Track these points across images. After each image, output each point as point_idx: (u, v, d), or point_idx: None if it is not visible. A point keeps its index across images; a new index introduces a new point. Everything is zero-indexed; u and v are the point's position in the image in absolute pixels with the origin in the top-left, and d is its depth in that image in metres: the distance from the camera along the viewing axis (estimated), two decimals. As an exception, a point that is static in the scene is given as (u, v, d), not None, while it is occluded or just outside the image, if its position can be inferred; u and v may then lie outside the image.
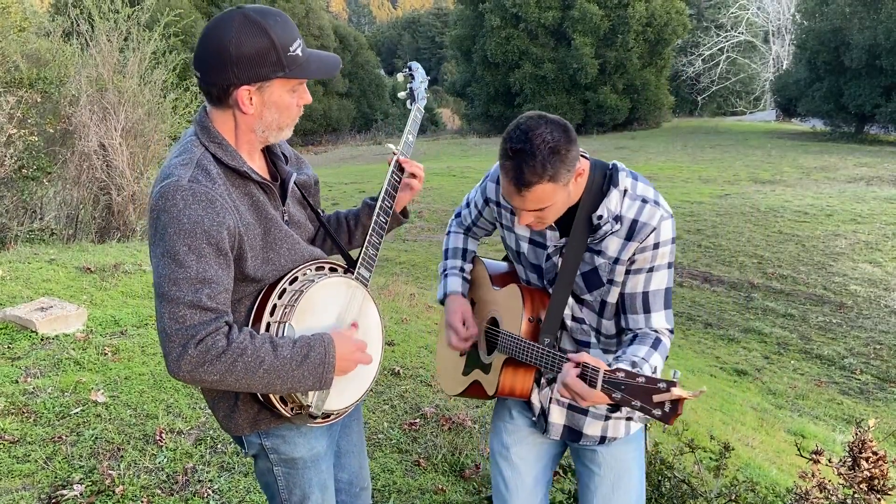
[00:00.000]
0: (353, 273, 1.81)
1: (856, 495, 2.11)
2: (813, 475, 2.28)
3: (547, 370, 1.83)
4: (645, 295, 1.83)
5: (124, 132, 7.92)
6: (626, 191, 1.81)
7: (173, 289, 1.47)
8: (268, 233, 1.64)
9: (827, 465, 2.18)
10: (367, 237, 1.84)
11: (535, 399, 2.02)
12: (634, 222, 1.78)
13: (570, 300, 1.91)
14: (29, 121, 7.49)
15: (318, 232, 1.95)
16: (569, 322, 1.95)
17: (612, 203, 1.79)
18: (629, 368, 1.56)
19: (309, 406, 1.66)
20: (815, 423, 6.18)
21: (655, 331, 1.84)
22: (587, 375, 1.61)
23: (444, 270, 2.23)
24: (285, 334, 1.61)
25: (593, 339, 1.95)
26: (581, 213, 1.81)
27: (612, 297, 1.87)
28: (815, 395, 7.08)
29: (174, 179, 1.50)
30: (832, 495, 2.24)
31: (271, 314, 1.63)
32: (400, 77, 2.16)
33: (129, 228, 8.09)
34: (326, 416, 1.74)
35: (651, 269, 1.81)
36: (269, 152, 1.75)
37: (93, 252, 6.38)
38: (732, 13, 42.02)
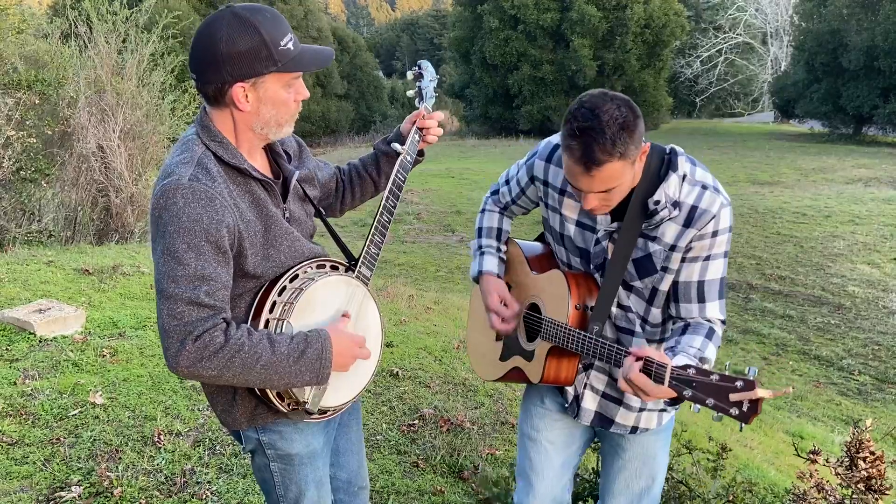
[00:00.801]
0: (353, 271, 1.81)
1: (853, 495, 2.11)
2: (811, 475, 2.28)
3: (599, 360, 1.79)
4: (700, 284, 1.78)
5: (123, 134, 7.92)
6: (685, 176, 1.75)
7: (172, 286, 1.49)
8: (268, 230, 1.65)
9: (824, 465, 2.18)
10: (370, 236, 1.84)
11: (576, 386, 1.99)
12: (694, 208, 1.73)
13: (619, 287, 1.86)
14: (27, 123, 7.49)
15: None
16: (614, 309, 1.90)
17: (671, 188, 1.73)
18: (700, 365, 1.51)
19: (305, 402, 1.67)
20: (814, 423, 6.19)
21: (708, 320, 1.79)
22: (652, 371, 1.55)
23: (480, 248, 2.18)
24: (283, 332, 1.62)
25: (637, 328, 1.90)
26: (636, 198, 1.75)
27: (665, 286, 1.82)
28: (813, 395, 7.09)
29: (175, 178, 1.52)
30: (830, 495, 2.24)
31: (270, 311, 1.64)
32: (409, 75, 2.13)
33: (127, 230, 8.09)
34: (323, 412, 1.75)
35: (708, 258, 1.77)
36: (270, 150, 1.76)
37: (91, 254, 6.38)
38: (730, 15, 42.09)
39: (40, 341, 4.16)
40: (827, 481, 2.30)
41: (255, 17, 1.55)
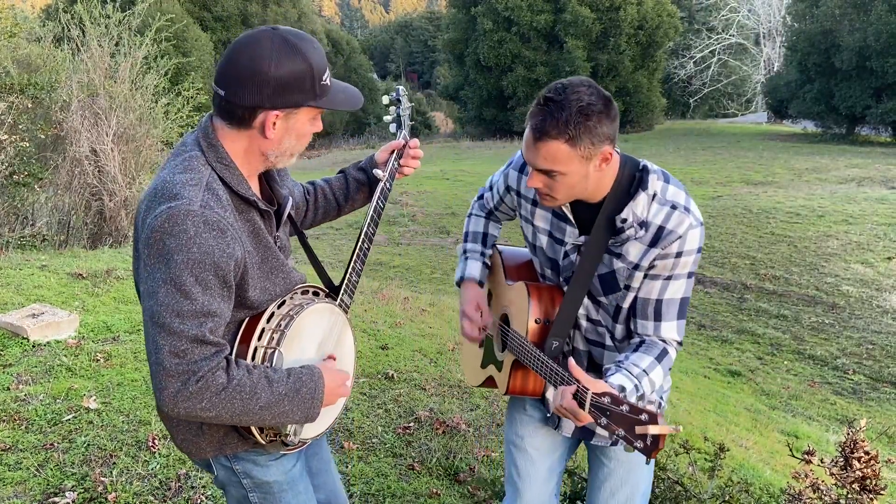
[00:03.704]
0: (335, 298, 1.78)
1: (848, 495, 2.12)
2: (806, 476, 2.28)
3: (547, 380, 1.77)
4: (658, 302, 1.76)
5: (116, 137, 7.89)
6: (654, 195, 1.71)
7: (176, 321, 1.38)
8: (265, 261, 1.58)
9: (819, 465, 2.18)
10: (351, 264, 1.80)
11: (549, 395, 1.97)
12: (661, 229, 1.69)
13: (587, 301, 1.85)
14: (20, 127, 7.47)
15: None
16: (583, 322, 1.89)
17: (639, 207, 1.70)
18: (616, 393, 1.49)
19: (287, 435, 1.62)
20: (809, 423, 6.20)
21: (663, 340, 1.77)
22: (578, 395, 1.55)
23: (465, 252, 2.17)
24: (275, 361, 1.56)
25: (608, 342, 1.89)
26: (604, 213, 1.73)
27: (628, 303, 1.80)
28: (808, 395, 7.11)
29: (184, 202, 1.40)
30: (825, 495, 2.24)
31: (259, 338, 1.57)
32: (385, 100, 2.11)
33: (121, 234, 8.06)
34: (298, 444, 1.71)
35: (669, 277, 1.74)
36: (265, 174, 1.68)
37: (85, 258, 6.35)
38: (723, 16, 42.24)
39: (34, 346, 4.14)
40: (822, 481, 2.31)
41: (304, 46, 1.48)
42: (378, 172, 1.91)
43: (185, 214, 1.39)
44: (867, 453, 2.07)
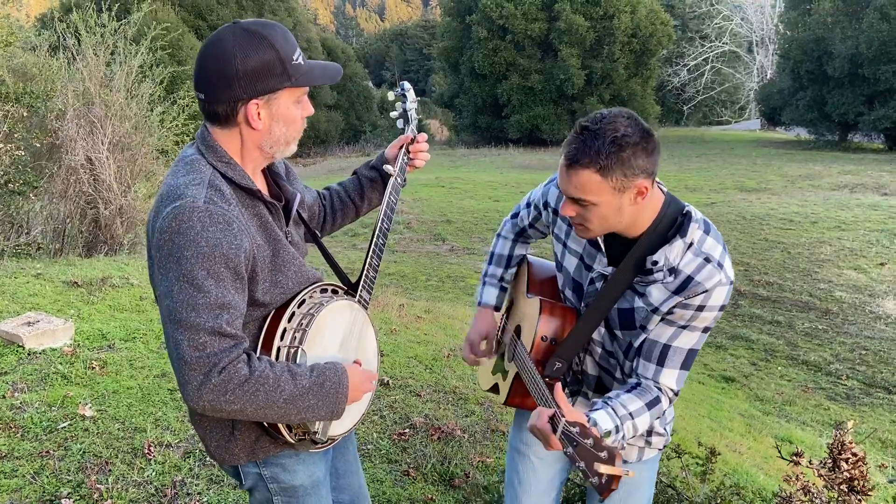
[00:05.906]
0: (354, 295, 1.79)
1: (838, 497, 2.14)
2: (797, 478, 2.31)
3: (535, 398, 1.75)
4: (666, 347, 1.72)
5: (111, 146, 7.90)
6: (691, 244, 1.67)
7: (192, 315, 1.40)
8: (276, 254, 1.59)
9: (807, 466, 2.21)
10: (367, 260, 1.82)
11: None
12: (689, 279, 1.65)
13: (604, 331, 1.84)
14: (15, 135, 7.48)
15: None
16: (598, 349, 1.88)
17: (673, 253, 1.67)
18: (586, 424, 1.47)
19: (316, 433, 1.63)
20: (803, 428, 6.23)
21: (659, 388, 1.74)
22: (554, 419, 1.54)
23: (484, 276, 2.19)
24: (298, 359, 1.57)
25: (618, 374, 1.88)
26: (636, 251, 1.70)
27: (639, 343, 1.78)
28: (802, 400, 7.13)
29: (189, 200, 1.43)
30: (816, 498, 2.27)
31: (281, 338, 1.58)
32: (391, 96, 2.13)
33: (116, 242, 8.06)
34: (326, 442, 1.72)
35: (684, 327, 1.71)
36: (270, 172, 1.71)
37: (80, 266, 6.35)
38: (716, 24, 42.50)
39: (29, 354, 4.14)
40: (813, 484, 2.33)
41: (267, 32, 1.50)
42: (389, 168, 1.95)
43: (191, 211, 1.42)
44: (854, 454, 2.10)
